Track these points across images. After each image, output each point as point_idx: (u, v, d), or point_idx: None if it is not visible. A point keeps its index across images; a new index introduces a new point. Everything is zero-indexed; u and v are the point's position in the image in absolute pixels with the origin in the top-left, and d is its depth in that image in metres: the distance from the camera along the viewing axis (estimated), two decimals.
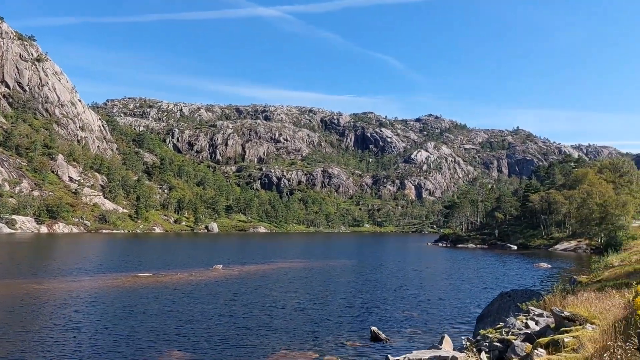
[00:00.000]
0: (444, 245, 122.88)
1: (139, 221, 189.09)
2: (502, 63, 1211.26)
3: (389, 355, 14.78)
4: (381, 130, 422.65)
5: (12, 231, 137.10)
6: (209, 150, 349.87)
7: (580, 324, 12.61)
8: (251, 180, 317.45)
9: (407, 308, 30.18)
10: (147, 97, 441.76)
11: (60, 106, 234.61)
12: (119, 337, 21.54)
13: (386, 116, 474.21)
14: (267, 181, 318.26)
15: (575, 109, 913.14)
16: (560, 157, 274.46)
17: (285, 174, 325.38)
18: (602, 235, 76.77)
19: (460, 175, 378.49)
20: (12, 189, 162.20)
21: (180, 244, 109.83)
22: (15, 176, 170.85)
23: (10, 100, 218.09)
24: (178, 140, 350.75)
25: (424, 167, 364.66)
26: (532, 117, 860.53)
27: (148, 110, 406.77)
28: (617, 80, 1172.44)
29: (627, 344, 7.20)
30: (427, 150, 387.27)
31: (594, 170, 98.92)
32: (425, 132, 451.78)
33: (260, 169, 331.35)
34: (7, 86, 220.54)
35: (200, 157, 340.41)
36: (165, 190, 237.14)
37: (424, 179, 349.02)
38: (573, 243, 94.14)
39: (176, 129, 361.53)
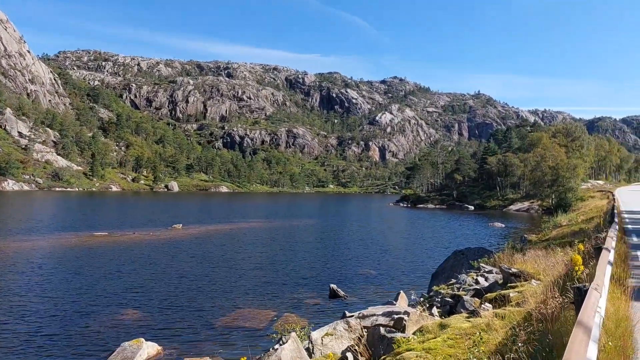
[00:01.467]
0: (405, 205, 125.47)
1: (95, 179, 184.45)
2: (466, 28, 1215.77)
3: (345, 311, 15.16)
4: (347, 91, 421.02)
5: None
6: (168, 107, 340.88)
7: (526, 280, 13.23)
8: (213, 139, 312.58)
9: (367, 266, 30.91)
10: (102, 50, 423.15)
11: (7, 57, 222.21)
12: (71, 298, 21.24)
13: (352, 77, 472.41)
14: (229, 140, 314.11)
15: (534, 75, 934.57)
16: (517, 122, 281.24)
17: (248, 133, 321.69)
18: (553, 196, 79.89)
19: (423, 138, 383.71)
20: None
21: (138, 203, 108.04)
22: None
23: None
24: (136, 96, 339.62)
25: (388, 129, 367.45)
26: (493, 82, 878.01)
27: (103, 63, 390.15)
28: (574, 48, 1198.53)
29: (563, 297, 7.61)
30: (391, 113, 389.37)
31: (548, 135, 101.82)
32: (389, 94, 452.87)
33: (223, 128, 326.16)
34: None
35: (160, 114, 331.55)
36: (123, 148, 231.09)
37: (388, 140, 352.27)
38: (526, 204, 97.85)
39: (134, 84, 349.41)
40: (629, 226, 23.69)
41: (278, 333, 12.37)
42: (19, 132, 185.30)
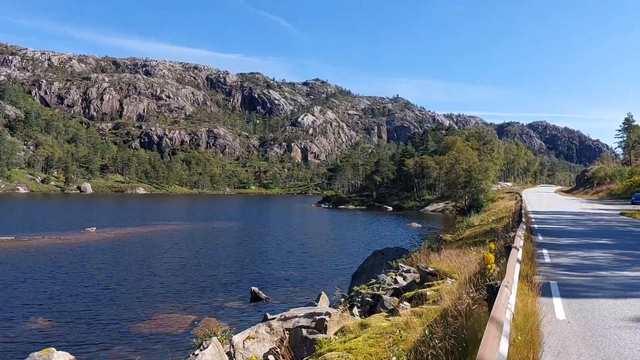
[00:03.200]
0: (327, 206, 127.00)
1: (0, 180, 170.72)
2: (386, 33, 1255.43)
3: (267, 314, 15.01)
4: (269, 92, 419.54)
5: None
6: (82, 104, 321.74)
7: (441, 279, 13.78)
8: (130, 139, 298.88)
9: (288, 268, 30.86)
10: (8, 42, 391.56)
11: None
12: None
13: (274, 78, 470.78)
14: (147, 140, 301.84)
15: (449, 80, 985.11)
16: (433, 125, 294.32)
17: (167, 132, 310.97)
18: (466, 197, 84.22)
19: (344, 140, 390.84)
20: None
21: (48, 206, 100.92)
22: None
23: None
24: (46, 93, 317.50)
25: (310, 131, 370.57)
26: (411, 87, 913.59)
27: (10, 57, 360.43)
28: (486, 55, 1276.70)
29: (477, 294, 7.96)
30: (313, 114, 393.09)
31: (462, 138, 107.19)
32: (312, 96, 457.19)
33: (140, 127, 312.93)
34: None
35: (72, 112, 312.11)
36: (31, 147, 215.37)
37: (310, 142, 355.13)
38: (441, 205, 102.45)
39: (44, 80, 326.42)
40: (535, 225, 25.46)
41: (199, 338, 11.97)
42: None
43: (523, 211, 28.90)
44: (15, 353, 14.51)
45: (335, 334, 10.37)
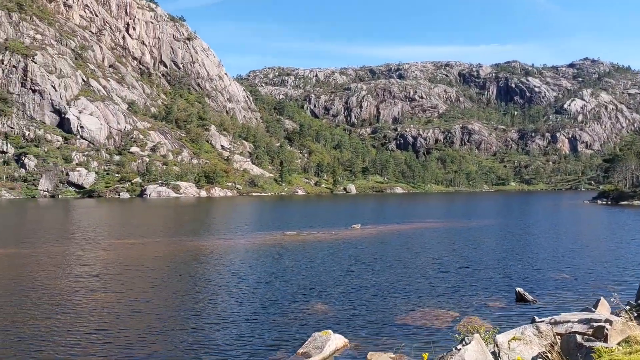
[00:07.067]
0: (604, 203, 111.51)
1: (283, 184, 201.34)
2: None
3: (535, 317, 14.00)
4: (527, 80, 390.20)
5: (178, 195, 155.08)
6: (344, 113, 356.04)
7: None
8: (386, 141, 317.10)
9: (558, 270, 28.11)
10: (284, 65, 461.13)
11: (209, 80, 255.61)
12: (266, 290, 23.32)
13: (533, 64, 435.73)
14: (402, 141, 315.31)
15: None
16: None
17: (421, 133, 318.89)
18: None
19: (624, 125, 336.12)
20: (175, 158, 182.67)
21: (320, 205, 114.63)
22: (176, 146, 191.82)
23: (168, 78, 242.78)
24: (315, 106, 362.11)
25: (579, 118, 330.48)
26: None
27: (286, 78, 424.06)
28: None
29: None
30: (582, 99, 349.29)
31: None
32: (580, 79, 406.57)
33: (395, 129, 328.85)
34: (165, 65, 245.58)
35: (336, 120, 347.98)
36: (305, 155, 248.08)
37: (580, 130, 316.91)
38: None
39: (312, 95, 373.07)
40: None
41: (460, 334, 11.94)
42: (221, 145, 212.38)
43: None
44: (299, 331, 16.85)
45: (619, 344, 9.06)
